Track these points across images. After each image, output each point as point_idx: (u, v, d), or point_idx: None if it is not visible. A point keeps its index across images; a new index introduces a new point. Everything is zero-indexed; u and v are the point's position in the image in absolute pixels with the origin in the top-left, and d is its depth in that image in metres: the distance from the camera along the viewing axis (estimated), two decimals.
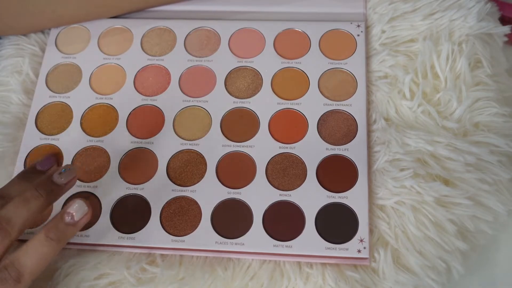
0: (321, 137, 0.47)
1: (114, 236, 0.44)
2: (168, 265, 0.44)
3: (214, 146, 0.47)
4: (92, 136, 0.49)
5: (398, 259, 0.43)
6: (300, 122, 0.48)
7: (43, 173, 0.43)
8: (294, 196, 0.45)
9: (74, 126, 0.50)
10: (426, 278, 0.42)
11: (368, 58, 0.51)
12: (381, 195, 0.45)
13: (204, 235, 0.44)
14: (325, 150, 0.46)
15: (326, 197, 0.44)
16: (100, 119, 0.50)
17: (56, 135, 0.49)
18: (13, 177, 0.42)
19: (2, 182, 0.48)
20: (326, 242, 0.43)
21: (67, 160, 0.48)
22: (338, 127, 0.47)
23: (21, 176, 0.42)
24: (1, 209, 0.37)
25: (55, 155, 0.44)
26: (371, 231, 0.43)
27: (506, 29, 0.51)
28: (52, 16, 0.53)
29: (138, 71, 0.52)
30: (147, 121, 0.49)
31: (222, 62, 0.51)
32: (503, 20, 0.53)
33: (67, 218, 0.40)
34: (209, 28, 0.54)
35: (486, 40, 0.50)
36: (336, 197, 0.44)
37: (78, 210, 0.40)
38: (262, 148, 0.47)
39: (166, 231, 0.44)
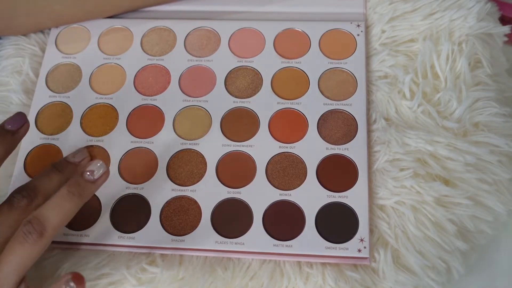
0: (321, 136, 0.47)
1: (114, 236, 0.44)
2: (168, 265, 0.44)
3: (214, 146, 0.47)
4: (92, 136, 0.49)
5: (398, 259, 0.43)
6: (300, 121, 0.48)
7: (73, 164, 0.44)
8: (294, 196, 0.45)
9: (74, 126, 0.50)
10: (426, 278, 0.42)
11: (368, 58, 0.51)
12: (381, 195, 0.45)
13: (204, 234, 0.44)
14: (325, 149, 0.46)
15: (326, 197, 0.44)
16: (100, 119, 0.50)
17: (56, 135, 0.49)
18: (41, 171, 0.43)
19: (2, 182, 0.48)
20: (326, 241, 0.43)
21: None
22: (338, 126, 0.47)
23: (52, 167, 0.43)
24: (35, 209, 0.38)
25: (24, 114, 0.43)
26: (371, 231, 0.43)
27: (506, 29, 0.51)
28: (51, 16, 0.53)
29: (138, 71, 0.52)
30: (147, 121, 0.49)
31: (222, 62, 0.51)
32: (503, 20, 0.53)
33: (87, 175, 0.40)
34: (209, 28, 0.54)
35: (486, 40, 0.50)
36: (336, 197, 0.44)
37: (98, 168, 0.40)
38: (262, 147, 0.47)
39: (166, 231, 0.44)
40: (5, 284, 0.36)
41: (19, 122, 0.42)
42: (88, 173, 0.40)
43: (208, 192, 0.45)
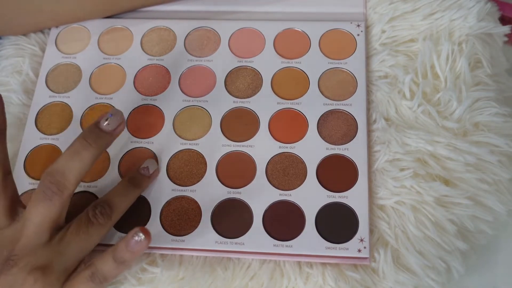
0: (321, 136, 0.47)
1: (114, 236, 0.44)
2: (168, 265, 0.44)
3: (214, 146, 0.47)
4: None
5: (398, 259, 0.43)
6: (300, 121, 0.48)
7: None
8: (294, 196, 0.45)
9: (74, 126, 0.49)
10: (426, 278, 0.42)
11: (368, 58, 0.51)
12: (381, 195, 0.45)
13: (204, 234, 0.44)
14: (325, 149, 0.46)
15: (326, 197, 0.44)
16: None
17: (56, 135, 0.49)
18: None
19: None
20: (326, 241, 0.43)
21: None
22: (338, 126, 0.47)
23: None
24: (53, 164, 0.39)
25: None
26: (371, 231, 0.43)
27: (506, 29, 0.51)
28: (51, 15, 0.53)
29: (138, 71, 0.52)
30: (147, 121, 0.49)
31: (222, 62, 0.51)
32: (503, 20, 0.53)
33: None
34: (209, 28, 0.54)
35: (486, 40, 0.50)
36: (336, 197, 0.44)
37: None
38: (262, 147, 0.47)
39: (166, 231, 0.44)
40: (73, 259, 0.39)
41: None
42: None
43: (208, 192, 0.45)
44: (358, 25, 0.52)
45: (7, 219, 0.39)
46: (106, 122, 0.40)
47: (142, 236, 0.38)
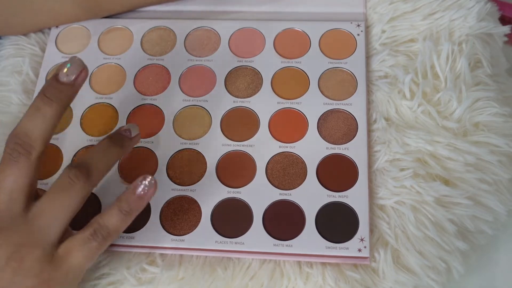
0: (321, 136, 0.47)
1: None
2: (168, 265, 0.44)
3: (214, 146, 0.47)
4: (92, 136, 0.49)
5: (398, 259, 0.43)
6: (300, 121, 0.48)
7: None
8: (294, 195, 0.45)
9: (74, 126, 0.49)
10: (426, 278, 0.42)
11: (368, 57, 0.51)
12: (381, 194, 0.45)
13: (204, 234, 0.44)
14: (325, 149, 0.46)
15: (326, 196, 0.44)
16: (100, 119, 0.50)
17: (56, 135, 0.49)
18: None
19: None
20: (326, 241, 0.43)
21: (67, 160, 0.48)
22: (338, 126, 0.47)
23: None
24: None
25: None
26: (371, 231, 0.43)
27: (506, 29, 0.51)
28: (51, 15, 0.53)
29: (138, 71, 0.52)
30: (147, 121, 0.49)
31: (222, 62, 0.51)
32: (503, 20, 0.53)
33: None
34: (209, 28, 0.54)
35: (486, 40, 0.50)
36: (336, 196, 0.44)
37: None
38: (262, 147, 0.47)
39: (166, 231, 0.44)
40: (54, 230, 0.37)
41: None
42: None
43: (208, 192, 0.45)
44: (358, 25, 0.52)
45: None
46: (64, 73, 0.38)
47: (150, 178, 0.38)
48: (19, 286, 0.35)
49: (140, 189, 0.38)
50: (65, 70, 0.38)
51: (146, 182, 0.38)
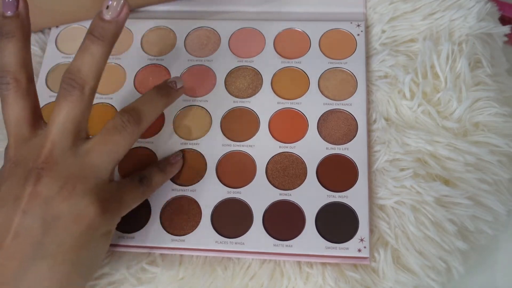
0: (321, 136, 0.47)
1: (114, 236, 0.44)
2: (168, 265, 0.44)
3: (214, 146, 0.47)
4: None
5: (398, 259, 0.43)
6: (300, 121, 0.48)
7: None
8: (294, 196, 0.45)
9: None
10: (426, 278, 0.42)
11: (368, 57, 0.51)
12: (381, 195, 0.45)
13: (204, 234, 0.44)
14: (325, 149, 0.46)
15: (326, 197, 0.44)
16: (100, 119, 0.50)
17: None
18: None
19: None
20: (326, 241, 0.43)
21: None
22: (338, 126, 0.47)
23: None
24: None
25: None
26: (371, 231, 0.43)
27: (506, 29, 0.51)
28: (50, 14, 0.53)
29: (138, 71, 0.52)
30: None
31: (222, 62, 0.51)
32: (503, 20, 0.53)
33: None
34: (209, 28, 0.54)
35: (486, 40, 0.50)
36: (336, 197, 0.44)
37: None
38: (262, 147, 0.47)
39: (166, 231, 0.44)
40: (104, 168, 0.38)
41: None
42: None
43: (208, 192, 0.45)
44: (358, 25, 0.52)
45: (30, 129, 0.39)
46: (107, 11, 0.39)
47: (180, 155, 0.46)
48: (73, 210, 0.36)
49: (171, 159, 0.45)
50: (107, 7, 0.39)
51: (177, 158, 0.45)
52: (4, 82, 0.39)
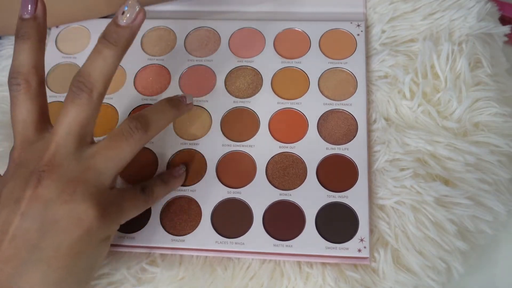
0: (321, 136, 0.47)
1: (114, 236, 0.44)
2: (168, 265, 0.44)
3: (214, 146, 0.47)
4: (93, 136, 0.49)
5: (398, 259, 0.43)
6: (300, 121, 0.48)
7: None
8: (294, 196, 0.45)
9: None
10: (426, 278, 0.42)
11: (368, 57, 0.51)
12: (381, 195, 0.45)
13: (204, 234, 0.44)
14: (325, 149, 0.46)
15: (326, 197, 0.44)
16: (100, 119, 0.49)
17: None
18: None
19: None
20: (326, 241, 0.43)
21: None
22: (338, 126, 0.47)
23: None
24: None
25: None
26: (371, 231, 0.43)
27: (506, 29, 0.51)
28: (50, 14, 0.53)
29: (138, 71, 0.52)
30: None
31: (222, 62, 0.51)
32: (503, 20, 0.53)
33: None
34: (209, 28, 0.54)
35: (486, 40, 0.50)
36: (336, 197, 0.44)
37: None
38: (262, 147, 0.47)
39: (166, 231, 0.44)
40: (107, 174, 0.38)
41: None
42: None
43: (208, 192, 0.45)
44: (358, 25, 0.52)
45: (36, 131, 0.39)
46: (122, 16, 0.38)
47: (183, 168, 0.46)
48: (72, 214, 0.36)
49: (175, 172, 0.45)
50: (122, 13, 0.38)
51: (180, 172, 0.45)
52: (15, 83, 0.39)
